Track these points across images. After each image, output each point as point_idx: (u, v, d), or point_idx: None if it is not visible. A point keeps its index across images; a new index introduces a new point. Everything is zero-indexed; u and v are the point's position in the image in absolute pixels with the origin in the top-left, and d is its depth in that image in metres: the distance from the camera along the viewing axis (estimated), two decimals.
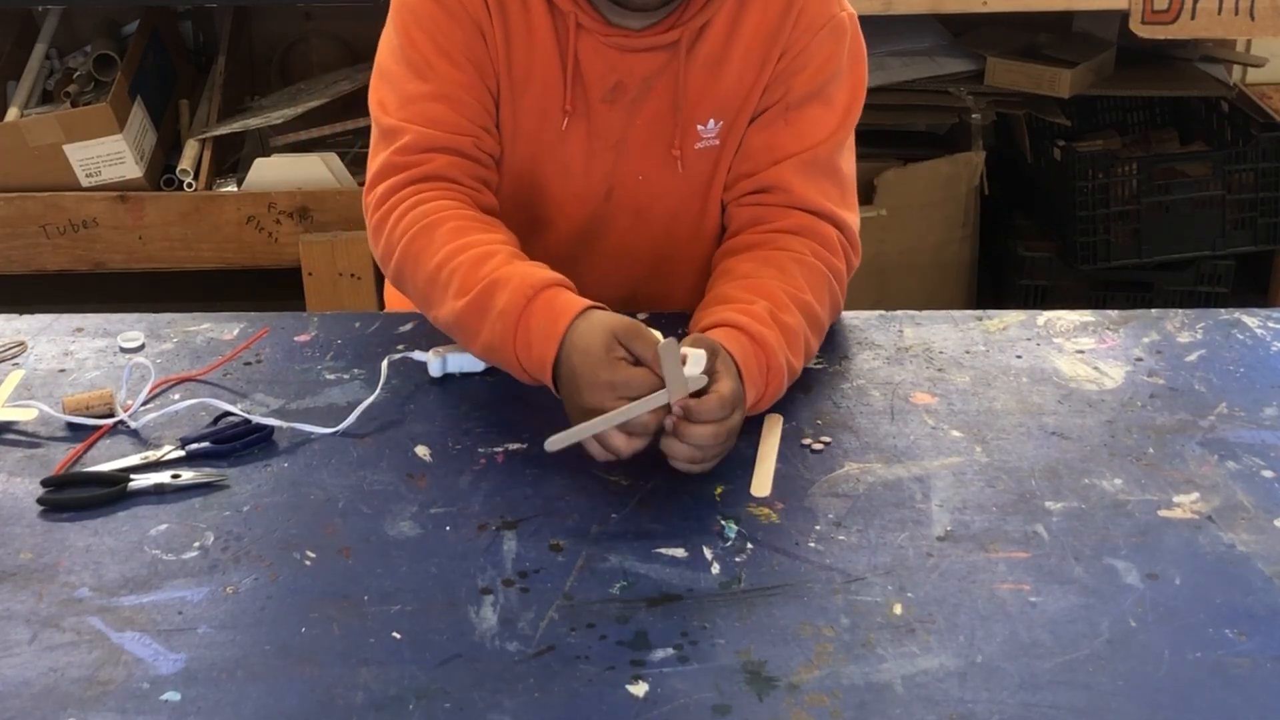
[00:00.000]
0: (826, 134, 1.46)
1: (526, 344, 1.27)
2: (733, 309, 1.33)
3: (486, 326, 1.29)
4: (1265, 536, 1.19)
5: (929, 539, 1.18)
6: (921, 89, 2.81)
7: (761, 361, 1.29)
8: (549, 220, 1.52)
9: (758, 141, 1.47)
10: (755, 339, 1.29)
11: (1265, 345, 1.49)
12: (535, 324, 1.26)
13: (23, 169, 2.64)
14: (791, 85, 1.45)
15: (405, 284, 1.40)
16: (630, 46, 1.42)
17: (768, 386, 1.30)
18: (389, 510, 1.22)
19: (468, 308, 1.31)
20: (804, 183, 1.44)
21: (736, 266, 1.41)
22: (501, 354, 1.30)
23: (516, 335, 1.27)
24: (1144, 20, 2.66)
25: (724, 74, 1.44)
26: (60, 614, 1.09)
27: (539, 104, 1.45)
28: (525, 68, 1.43)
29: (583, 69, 1.43)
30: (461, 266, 1.32)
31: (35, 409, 1.34)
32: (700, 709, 1.00)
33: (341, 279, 2.67)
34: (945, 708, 1.00)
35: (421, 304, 1.39)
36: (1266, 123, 2.87)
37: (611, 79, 1.44)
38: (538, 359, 1.26)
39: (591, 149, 1.47)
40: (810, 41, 1.43)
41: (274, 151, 2.78)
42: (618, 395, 1.20)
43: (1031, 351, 1.47)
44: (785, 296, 1.35)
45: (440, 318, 1.36)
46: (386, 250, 1.41)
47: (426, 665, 1.04)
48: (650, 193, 1.50)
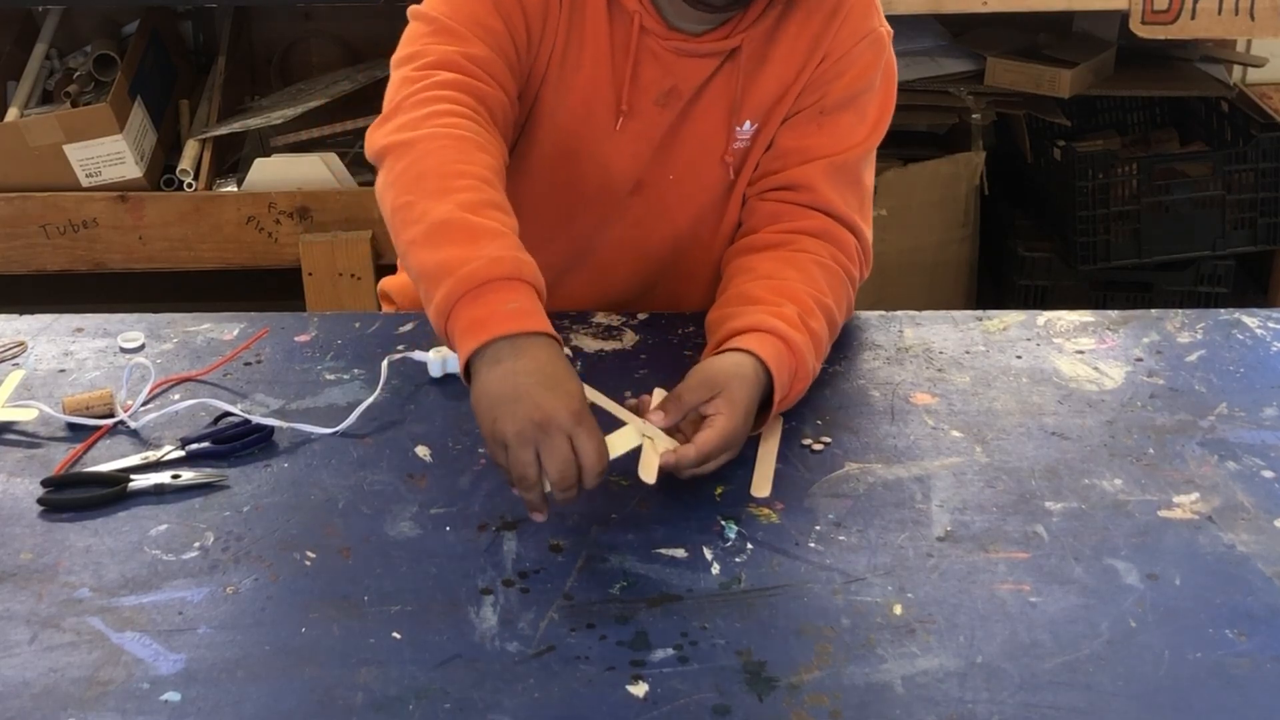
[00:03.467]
0: (856, 142, 1.47)
1: (490, 302, 1.15)
2: (764, 311, 1.32)
3: (464, 254, 1.17)
4: (1265, 536, 1.19)
5: (929, 539, 1.18)
6: (921, 89, 2.81)
7: (791, 366, 1.30)
8: (572, 211, 1.51)
9: (788, 142, 1.47)
10: (789, 344, 1.30)
11: (1265, 345, 1.49)
12: (512, 298, 1.16)
13: (23, 169, 2.64)
14: (828, 90, 1.45)
15: (405, 153, 1.26)
16: (689, 51, 1.42)
17: (792, 390, 1.31)
18: (389, 510, 1.22)
19: (463, 225, 1.19)
20: (830, 186, 1.45)
21: (758, 265, 1.41)
22: (447, 282, 1.16)
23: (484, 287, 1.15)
24: (1144, 20, 2.66)
25: (763, 77, 1.45)
26: (60, 614, 1.09)
27: (584, 98, 1.44)
28: (577, 63, 1.43)
29: (639, 71, 1.43)
30: (485, 194, 1.22)
31: (35, 409, 1.34)
32: (700, 709, 1.00)
33: (341, 279, 2.67)
34: (945, 708, 1.00)
35: (408, 182, 1.24)
36: (1266, 123, 2.87)
37: (667, 83, 1.44)
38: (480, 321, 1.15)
39: (635, 150, 1.47)
40: (852, 48, 1.45)
41: (274, 151, 2.78)
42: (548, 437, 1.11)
43: (1031, 352, 1.47)
44: (811, 301, 1.36)
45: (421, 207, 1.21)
46: (412, 121, 1.28)
47: (426, 665, 1.04)
48: (681, 192, 1.50)
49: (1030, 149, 2.98)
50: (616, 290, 1.57)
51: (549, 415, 1.11)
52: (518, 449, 1.11)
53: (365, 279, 2.65)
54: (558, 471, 1.11)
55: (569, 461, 1.11)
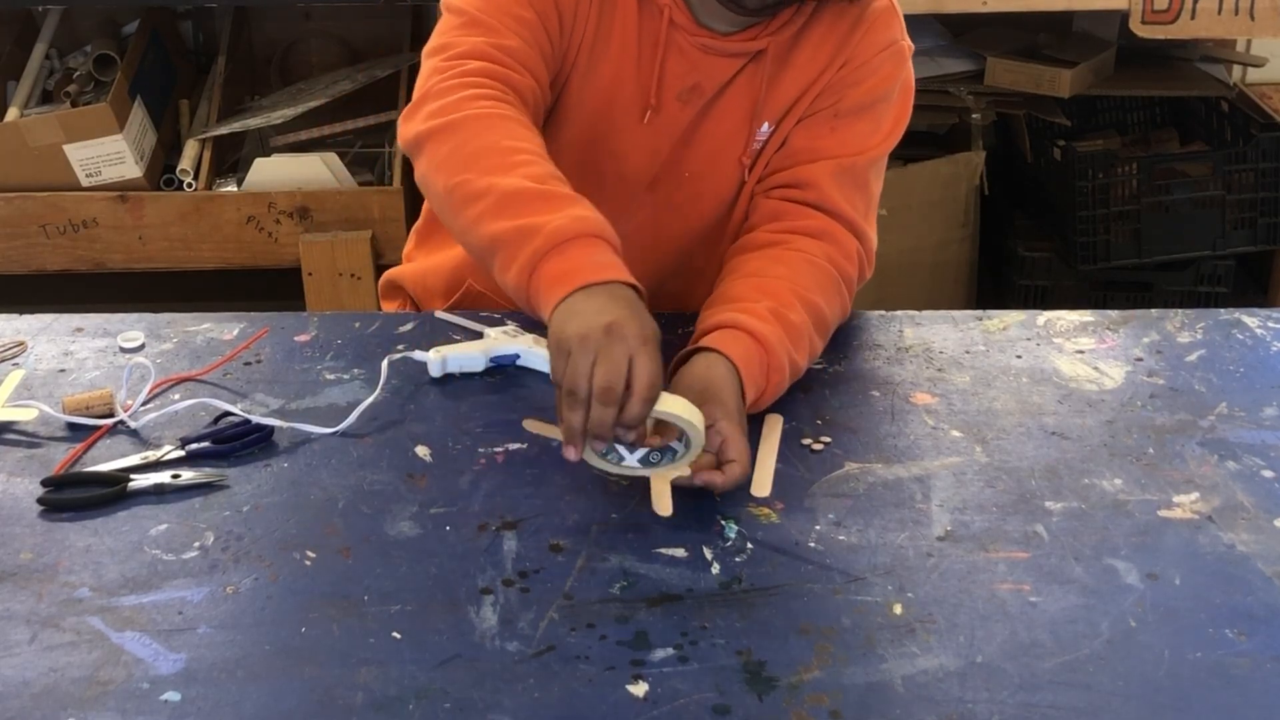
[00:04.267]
0: (868, 148, 1.47)
1: (578, 256, 1.18)
2: (735, 308, 1.33)
3: (546, 218, 1.19)
4: (1265, 536, 1.19)
5: (929, 539, 1.18)
6: (921, 89, 2.79)
7: (762, 359, 1.29)
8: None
9: (800, 142, 1.47)
10: (756, 336, 1.29)
11: (1265, 345, 1.49)
12: (601, 255, 1.19)
13: (23, 169, 2.64)
14: (845, 95, 1.46)
15: (450, 135, 1.28)
16: (715, 49, 1.43)
17: (768, 384, 1.30)
18: (389, 510, 1.22)
19: (539, 193, 1.22)
20: (835, 187, 1.45)
21: (745, 264, 1.42)
22: (539, 240, 1.18)
23: (573, 242, 1.18)
24: (1144, 20, 2.66)
25: (784, 80, 1.45)
26: (60, 614, 1.09)
27: (608, 91, 1.45)
28: (604, 54, 1.43)
29: (664, 65, 1.43)
30: (545, 168, 1.25)
31: (35, 409, 1.34)
32: (700, 709, 1.00)
33: (341, 279, 2.67)
34: (945, 708, 1.00)
35: (460, 161, 1.26)
36: (1266, 123, 2.87)
37: (691, 79, 1.44)
38: (570, 271, 1.17)
39: (655, 145, 1.48)
40: (873, 57, 1.45)
41: (274, 151, 2.78)
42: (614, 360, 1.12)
43: (1031, 351, 1.47)
44: (791, 295, 1.36)
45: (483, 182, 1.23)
46: (449, 105, 1.30)
47: (426, 665, 1.04)
48: (695, 190, 1.51)
49: (1030, 149, 2.98)
50: None
51: (619, 325, 1.12)
52: (579, 354, 1.11)
53: (365, 279, 2.66)
54: (606, 377, 1.10)
55: (620, 374, 1.11)
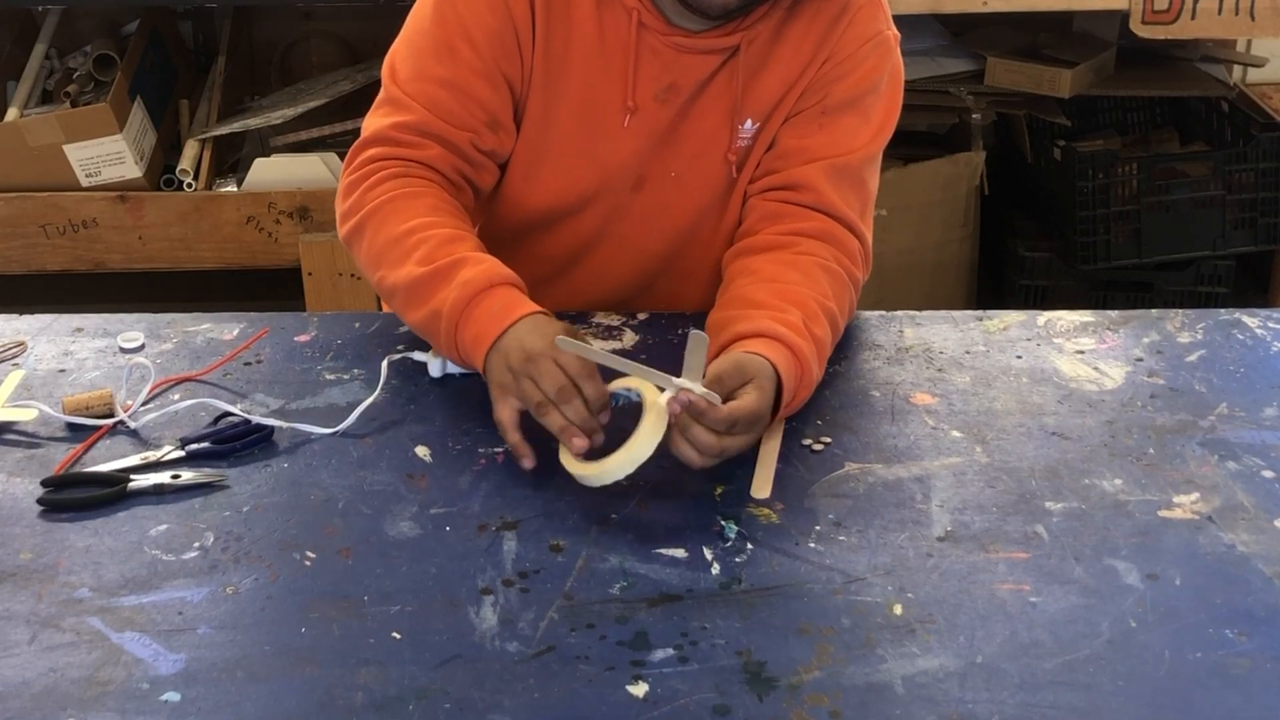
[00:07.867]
0: (859, 144, 1.46)
1: (478, 318, 1.29)
2: (768, 317, 1.32)
3: (442, 295, 1.31)
4: (1265, 536, 1.19)
5: (929, 539, 1.18)
6: (921, 89, 2.80)
7: (797, 373, 1.29)
8: (573, 208, 1.51)
9: (789, 141, 1.47)
10: (795, 352, 1.29)
11: (1265, 345, 1.49)
12: (494, 304, 1.29)
13: (23, 169, 2.64)
14: (831, 90, 1.45)
15: (360, 241, 1.41)
16: (689, 47, 1.43)
17: (796, 397, 1.31)
18: (389, 510, 1.22)
19: (430, 275, 1.32)
20: (831, 187, 1.45)
21: (761, 267, 1.41)
22: (443, 323, 1.30)
23: (469, 308, 1.29)
24: (1144, 20, 2.66)
25: (766, 76, 1.45)
26: (60, 614, 1.09)
27: (580, 96, 1.45)
28: (563, 60, 1.43)
29: (639, 67, 1.43)
30: (432, 239, 1.35)
31: (35, 409, 1.34)
32: (700, 709, 1.00)
33: (341, 279, 2.67)
34: (945, 708, 1.00)
35: (372, 262, 1.40)
36: (1266, 123, 2.87)
37: (666, 79, 1.44)
38: (478, 336, 1.28)
39: (636, 145, 1.47)
40: (856, 50, 1.45)
41: (274, 151, 2.78)
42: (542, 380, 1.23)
43: (1031, 352, 1.47)
44: (816, 306, 1.36)
45: (390, 279, 1.36)
46: (354, 206, 1.42)
47: (426, 665, 1.04)
48: (682, 190, 1.50)
49: (1030, 149, 2.98)
50: (616, 287, 1.57)
51: (531, 349, 1.24)
52: (521, 384, 1.24)
53: (365, 279, 2.65)
54: (550, 384, 1.22)
55: (558, 375, 1.22)
